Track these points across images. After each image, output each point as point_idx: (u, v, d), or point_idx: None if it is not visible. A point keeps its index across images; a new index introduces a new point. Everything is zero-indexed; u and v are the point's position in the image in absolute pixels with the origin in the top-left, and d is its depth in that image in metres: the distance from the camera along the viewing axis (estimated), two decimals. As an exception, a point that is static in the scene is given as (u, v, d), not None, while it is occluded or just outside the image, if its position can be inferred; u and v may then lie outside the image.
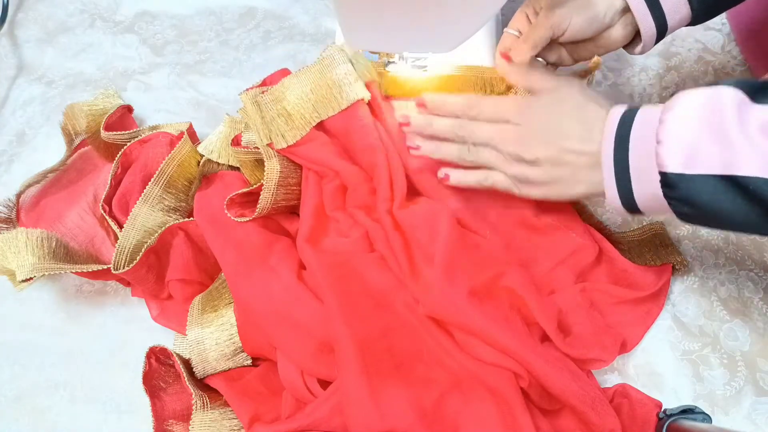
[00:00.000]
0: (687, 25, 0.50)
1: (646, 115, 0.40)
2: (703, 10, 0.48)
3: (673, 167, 0.37)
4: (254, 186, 0.51)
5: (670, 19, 0.48)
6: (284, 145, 0.51)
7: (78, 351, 0.53)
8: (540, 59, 0.52)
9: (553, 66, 0.53)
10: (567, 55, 0.52)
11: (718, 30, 0.66)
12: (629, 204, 0.41)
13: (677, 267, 0.52)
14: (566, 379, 0.44)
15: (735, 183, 0.35)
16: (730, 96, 0.36)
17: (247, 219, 0.51)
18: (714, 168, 0.36)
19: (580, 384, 0.44)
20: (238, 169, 0.55)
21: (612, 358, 0.48)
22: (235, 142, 0.54)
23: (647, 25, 0.48)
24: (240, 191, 0.51)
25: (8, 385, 0.52)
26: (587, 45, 0.51)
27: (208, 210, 0.52)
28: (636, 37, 0.50)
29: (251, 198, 0.52)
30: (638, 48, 0.50)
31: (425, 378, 0.45)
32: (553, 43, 0.50)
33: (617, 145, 0.41)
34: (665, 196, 0.39)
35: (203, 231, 0.51)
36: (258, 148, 0.52)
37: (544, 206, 0.52)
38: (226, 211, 0.50)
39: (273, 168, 0.50)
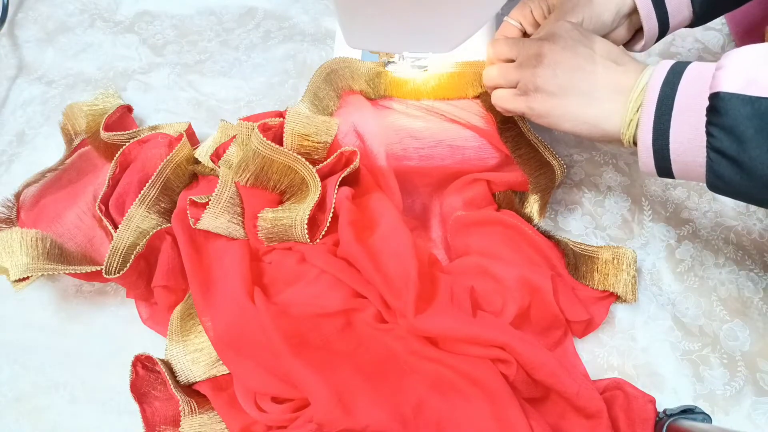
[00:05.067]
0: (686, 27, 0.50)
1: (706, 63, 0.39)
2: (704, 12, 0.48)
3: (728, 87, 0.35)
4: (206, 199, 0.50)
5: (672, 19, 0.48)
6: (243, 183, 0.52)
7: (78, 351, 0.53)
8: (514, 22, 0.52)
9: None
10: None
11: (718, 30, 0.66)
12: (660, 144, 0.39)
13: (624, 299, 0.52)
14: (551, 361, 0.44)
15: None
16: None
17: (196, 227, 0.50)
18: None
19: (565, 366, 0.45)
20: None
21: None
22: (216, 154, 0.54)
23: (651, 24, 0.48)
24: (198, 197, 0.51)
25: (8, 385, 0.51)
26: None
27: (182, 210, 0.52)
28: (636, 35, 0.51)
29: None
30: (638, 45, 0.51)
31: (399, 387, 0.45)
32: None
33: (670, 75, 0.39)
34: (708, 124, 0.36)
35: (174, 229, 0.51)
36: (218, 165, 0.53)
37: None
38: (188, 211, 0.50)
39: (224, 189, 0.51)
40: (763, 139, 0.34)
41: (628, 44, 0.52)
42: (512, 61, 0.47)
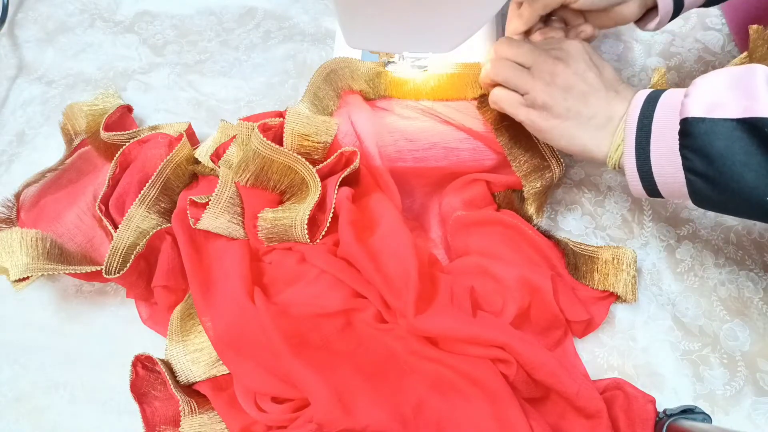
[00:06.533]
0: (701, 6, 0.50)
1: (677, 91, 0.42)
2: None
3: (695, 112, 0.39)
4: (206, 199, 0.50)
5: None
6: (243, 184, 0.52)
7: (78, 351, 0.53)
8: (555, 18, 0.53)
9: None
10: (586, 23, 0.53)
11: (718, 30, 0.66)
12: (644, 168, 0.42)
13: (624, 299, 0.52)
14: (551, 361, 0.44)
15: (752, 127, 0.37)
16: (763, 69, 0.38)
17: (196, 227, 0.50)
18: (733, 113, 0.37)
19: (565, 366, 0.45)
20: None
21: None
22: (216, 154, 0.54)
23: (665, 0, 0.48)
24: (198, 197, 0.51)
25: (8, 385, 0.52)
26: (600, 15, 0.51)
27: (182, 210, 0.52)
28: (650, 12, 0.51)
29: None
30: (652, 24, 0.50)
31: (399, 387, 0.45)
32: (569, 9, 0.51)
33: (645, 105, 0.42)
34: (681, 147, 0.39)
35: (174, 229, 0.51)
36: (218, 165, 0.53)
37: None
38: (188, 211, 0.50)
39: (224, 189, 0.51)
40: (729, 156, 0.38)
41: (641, 22, 0.51)
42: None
